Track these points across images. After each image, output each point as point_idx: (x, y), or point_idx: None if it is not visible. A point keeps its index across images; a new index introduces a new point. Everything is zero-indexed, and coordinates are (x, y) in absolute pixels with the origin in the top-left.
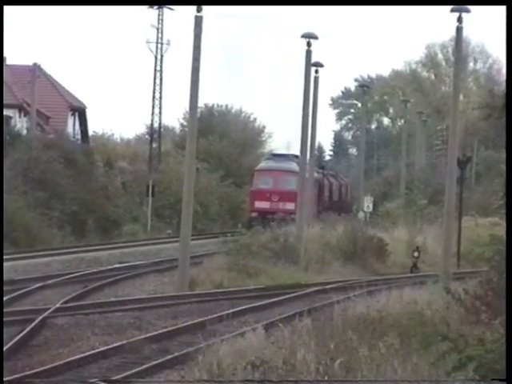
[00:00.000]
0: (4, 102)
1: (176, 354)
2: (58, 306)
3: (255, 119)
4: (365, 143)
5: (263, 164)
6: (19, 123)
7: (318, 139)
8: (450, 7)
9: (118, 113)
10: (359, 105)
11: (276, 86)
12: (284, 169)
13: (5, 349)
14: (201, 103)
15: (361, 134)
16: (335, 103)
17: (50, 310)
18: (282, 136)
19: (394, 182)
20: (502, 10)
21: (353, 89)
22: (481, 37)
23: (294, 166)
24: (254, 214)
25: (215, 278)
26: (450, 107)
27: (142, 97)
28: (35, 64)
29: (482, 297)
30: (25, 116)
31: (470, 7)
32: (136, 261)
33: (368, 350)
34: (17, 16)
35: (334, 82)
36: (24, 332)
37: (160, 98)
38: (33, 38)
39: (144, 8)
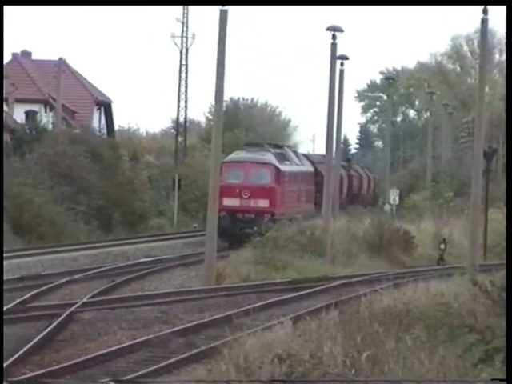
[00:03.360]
0: (30, 96)
1: (203, 347)
2: (84, 300)
3: (281, 113)
4: (390, 136)
5: (233, 155)
6: (45, 118)
7: (344, 132)
8: None
9: (143, 107)
10: (385, 97)
11: (302, 79)
12: (256, 160)
13: (33, 342)
14: (226, 97)
15: (386, 127)
16: (361, 96)
17: (76, 305)
18: (307, 129)
19: (420, 175)
20: None
21: (378, 81)
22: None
23: (269, 157)
24: (223, 214)
25: (242, 271)
26: (476, 99)
27: (168, 91)
28: (61, 59)
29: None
30: (50, 111)
31: None
32: (163, 255)
33: (395, 343)
34: (42, 11)
35: (359, 75)
36: (51, 327)
37: (186, 91)
38: (58, 33)
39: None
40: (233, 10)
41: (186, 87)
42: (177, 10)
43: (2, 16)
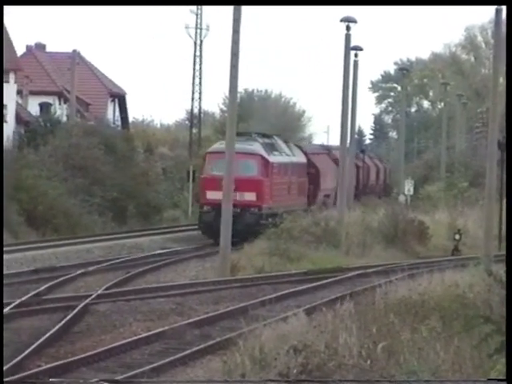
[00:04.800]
0: (44, 89)
1: (218, 339)
2: (99, 292)
3: (295, 104)
4: (405, 126)
5: (217, 145)
6: (59, 110)
7: (358, 123)
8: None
9: (157, 99)
10: (399, 88)
11: (316, 70)
12: (243, 151)
13: (48, 335)
14: (240, 88)
15: (401, 118)
16: (375, 87)
17: (91, 297)
18: (321, 120)
19: (435, 165)
20: None
21: (392, 72)
22: None
23: (257, 148)
24: (206, 208)
25: (256, 262)
26: (490, 90)
27: (182, 82)
28: (75, 51)
29: None
30: (65, 103)
31: None
32: (177, 246)
33: (410, 334)
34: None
35: (373, 66)
36: (66, 319)
37: (200, 83)
38: (72, 25)
39: None
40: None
41: (200, 78)
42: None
43: (2, 16)
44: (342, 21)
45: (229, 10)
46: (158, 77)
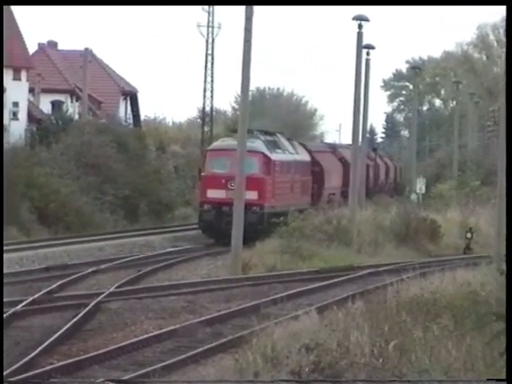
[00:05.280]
0: (56, 87)
1: (230, 337)
2: (111, 290)
3: (307, 102)
4: (417, 125)
5: (218, 142)
6: (71, 108)
7: (370, 121)
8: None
9: (169, 97)
10: (411, 86)
11: (328, 68)
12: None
13: (60, 333)
14: (252, 86)
15: (412, 116)
16: (387, 85)
17: (103, 295)
18: (333, 118)
19: (447, 164)
20: None
21: (404, 71)
22: None
23: (259, 145)
24: (207, 206)
25: (268, 261)
26: (502, 88)
27: (194, 80)
28: (87, 49)
29: None
30: (76, 101)
31: None
32: (189, 244)
33: (422, 332)
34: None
35: (385, 64)
36: (78, 316)
37: (212, 81)
38: (84, 23)
39: None
40: None
41: (212, 76)
42: None
43: (2, 16)
44: (354, 19)
45: (241, 8)
46: (169, 75)
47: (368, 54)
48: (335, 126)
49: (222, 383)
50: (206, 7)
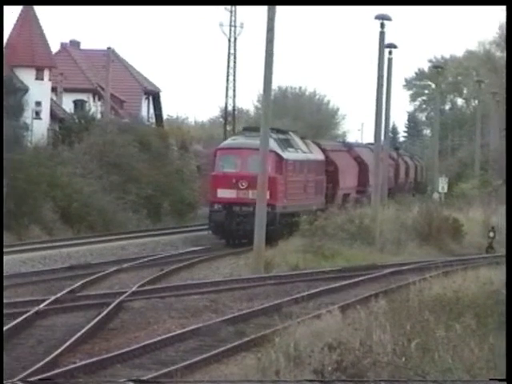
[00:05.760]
0: (78, 86)
1: (252, 336)
2: (134, 289)
3: (329, 101)
4: (439, 124)
5: (228, 141)
6: (93, 107)
7: (392, 120)
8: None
9: (192, 96)
10: (433, 86)
11: (350, 67)
12: (256, 147)
13: (82, 332)
14: (275, 85)
15: (435, 115)
16: (409, 84)
17: (126, 294)
18: (355, 118)
19: (469, 163)
20: None
21: (426, 70)
22: None
23: (270, 143)
24: (217, 206)
25: (291, 259)
26: None
27: (216, 80)
28: (109, 48)
29: None
30: (99, 100)
31: None
32: (211, 243)
33: (445, 331)
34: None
35: (407, 64)
36: (101, 315)
37: (234, 80)
38: (106, 23)
39: None
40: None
41: (235, 76)
42: None
43: (2, 16)
44: (376, 18)
45: (263, 8)
46: (192, 74)
47: (390, 53)
48: (357, 126)
49: (245, 383)
50: (229, 6)
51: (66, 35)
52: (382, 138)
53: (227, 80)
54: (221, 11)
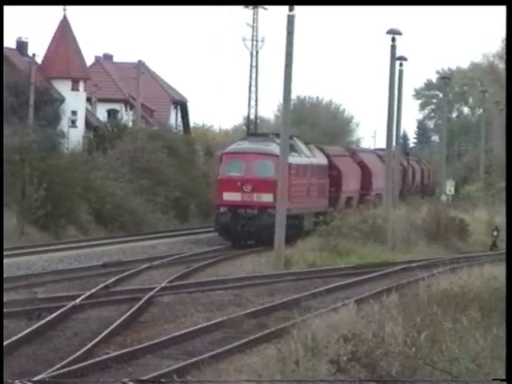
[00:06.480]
0: (111, 96)
1: (273, 328)
2: (163, 285)
3: (344, 110)
4: (446, 131)
5: (234, 146)
6: (125, 116)
7: (403, 127)
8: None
9: (217, 105)
10: (441, 95)
11: (364, 79)
12: (260, 151)
13: (115, 324)
14: (293, 95)
15: (442, 123)
16: (418, 94)
17: (156, 289)
18: (369, 125)
19: (474, 167)
20: None
21: (434, 81)
22: None
23: (274, 148)
24: (223, 209)
25: (308, 257)
26: None
27: (240, 90)
28: (140, 61)
29: None
30: (130, 109)
31: None
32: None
33: (452, 323)
34: (123, 16)
35: (417, 75)
36: (132, 309)
37: (256, 91)
38: (137, 37)
39: (240, 8)
40: (300, 13)
41: (257, 87)
42: (247, 15)
43: (2, 16)
44: (387, 33)
45: (283, 22)
46: (217, 85)
47: (401, 65)
48: (371, 132)
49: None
50: (250, 22)
51: (99, 49)
52: (394, 143)
53: (250, 91)
54: (243, 27)
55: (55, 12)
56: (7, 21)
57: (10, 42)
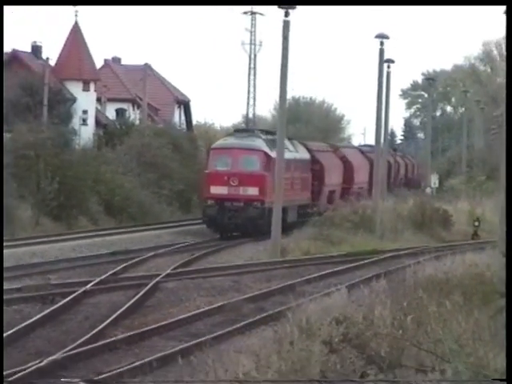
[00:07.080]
0: (119, 96)
1: (270, 312)
2: (168, 271)
3: (336, 109)
4: (431, 128)
5: (221, 141)
6: (133, 115)
7: (391, 125)
8: (503, 7)
9: (217, 105)
10: (426, 95)
11: (354, 79)
12: (245, 146)
13: (124, 308)
14: (289, 95)
15: (427, 121)
16: (405, 94)
17: (161, 276)
18: (359, 123)
19: (457, 161)
20: None
21: (420, 81)
22: None
23: (259, 143)
24: (210, 202)
25: (303, 246)
26: (504, 96)
27: (239, 90)
28: (146, 64)
29: None
30: (137, 108)
31: None
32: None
33: (436, 307)
34: (130, 22)
35: (403, 76)
36: (139, 294)
37: (254, 91)
38: (144, 41)
39: (239, 13)
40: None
41: (255, 88)
42: (246, 20)
43: (2, 16)
44: (376, 37)
45: (279, 27)
46: (218, 86)
47: (389, 67)
48: (361, 130)
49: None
50: (249, 27)
51: (108, 52)
52: (382, 140)
53: (248, 91)
54: (242, 32)
55: (67, 18)
56: (23, 25)
57: (25, 46)
